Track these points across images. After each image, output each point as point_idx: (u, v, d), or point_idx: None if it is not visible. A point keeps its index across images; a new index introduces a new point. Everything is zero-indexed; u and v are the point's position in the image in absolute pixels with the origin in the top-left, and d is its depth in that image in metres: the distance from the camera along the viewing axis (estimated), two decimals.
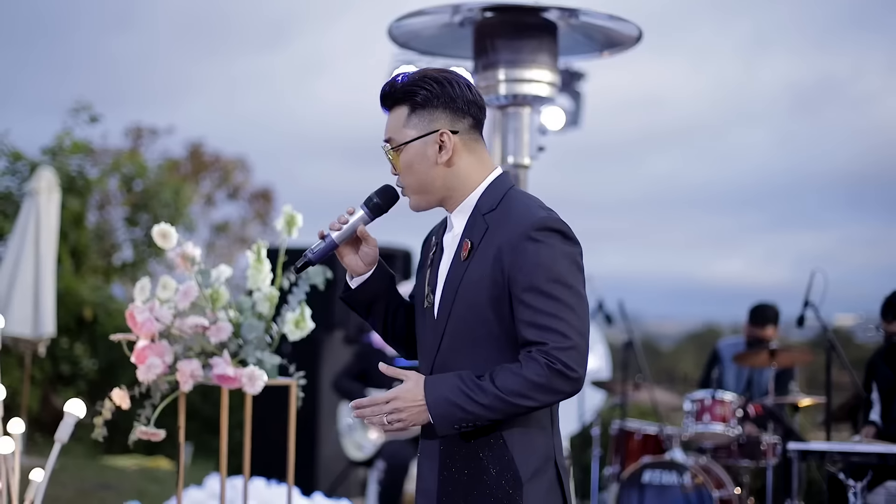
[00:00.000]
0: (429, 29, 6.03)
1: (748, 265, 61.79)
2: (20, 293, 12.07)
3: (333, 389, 10.09)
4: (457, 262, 3.36)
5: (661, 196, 67.20)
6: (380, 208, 3.49)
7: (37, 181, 12.49)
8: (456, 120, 3.37)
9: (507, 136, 5.99)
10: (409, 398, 3.18)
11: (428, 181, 3.38)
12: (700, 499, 8.14)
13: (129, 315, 5.05)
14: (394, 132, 3.40)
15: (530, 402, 3.16)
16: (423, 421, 3.20)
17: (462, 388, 3.16)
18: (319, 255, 3.45)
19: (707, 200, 74.52)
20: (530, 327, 3.19)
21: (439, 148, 3.35)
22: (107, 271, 18.23)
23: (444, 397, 3.17)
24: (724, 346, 9.60)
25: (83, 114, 17.07)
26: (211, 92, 49.69)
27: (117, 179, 18.65)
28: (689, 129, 71.67)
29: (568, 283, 3.21)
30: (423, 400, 3.17)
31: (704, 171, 76.52)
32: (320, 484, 10.76)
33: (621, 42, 6.08)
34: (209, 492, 8.06)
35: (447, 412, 3.16)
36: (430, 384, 3.20)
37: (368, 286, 3.55)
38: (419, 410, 3.18)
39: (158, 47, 45.85)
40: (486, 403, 3.14)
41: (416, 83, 3.38)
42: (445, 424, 3.18)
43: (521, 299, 3.20)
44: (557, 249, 3.23)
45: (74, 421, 4.84)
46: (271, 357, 5.20)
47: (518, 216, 3.28)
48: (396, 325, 3.64)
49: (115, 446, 14.79)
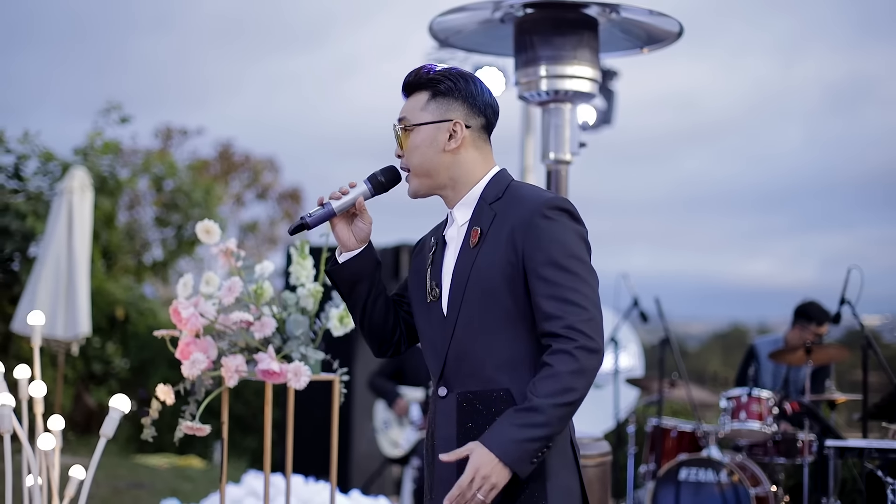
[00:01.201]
0: (469, 25, 6.03)
1: (775, 266, 61.72)
2: (54, 293, 12.12)
3: (369, 389, 10.12)
4: (466, 250, 3.43)
5: (691, 196, 67.27)
6: (382, 185, 3.58)
7: (69, 180, 12.53)
8: (471, 116, 3.50)
9: (548, 132, 5.98)
10: (484, 463, 3.17)
11: (432, 166, 3.47)
12: (736, 496, 8.12)
13: (173, 311, 5.06)
14: (409, 113, 3.51)
15: (576, 392, 3.19)
16: (508, 475, 3.18)
17: (516, 423, 3.18)
18: (316, 220, 3.51)
19: (736, 201, 74.43)
20: (550, 300, 3.25)
21: (449, 136, 3.46)
22: (138, 271, 18.31)
23: (509, 441, 3.17)
24: (760, 343, 9.56)
25: (114, 114, 17.13)
26: (246, 93, 49.80)
27: (148, 180, 18.73)
28: (720, 128, 71.68)
29: (582, 258, 3.32)
30: (495, 456, 3.16)
31: (735, 171, 76.47)
32: (355, 481, 10.79)
33: (662, 38, 6.06)
34: (247, 489, 8.07)
35: (520, 454, 3.17)
36: (488, 440, 3.20)
37: (355, 263, 3.60)
38: (498, 468, 3.16)
39: (194, 49, 46.04)
40: (544, 421, 3.17)
41: (442, 73, 3.52)
42: (525, 465, 3.19)
43: (540, 274, 3.27)
44: (569, 227, 3.34)
45: (119, 416, 4.88)
46: (315, 352, 5.21)
47: (528, 199, 3.39)
48: (375, 313, 3.66)
49: (148, 446, 14.88)
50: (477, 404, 3.36)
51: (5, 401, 4.66)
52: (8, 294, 15.05)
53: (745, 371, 9.16)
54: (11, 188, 15.56)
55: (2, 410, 4.65)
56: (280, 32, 49.56)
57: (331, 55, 54.86)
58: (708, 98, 65.81)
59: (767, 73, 66.01)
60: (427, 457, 3.58)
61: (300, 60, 51.45)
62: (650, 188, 62.33)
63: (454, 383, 3.41)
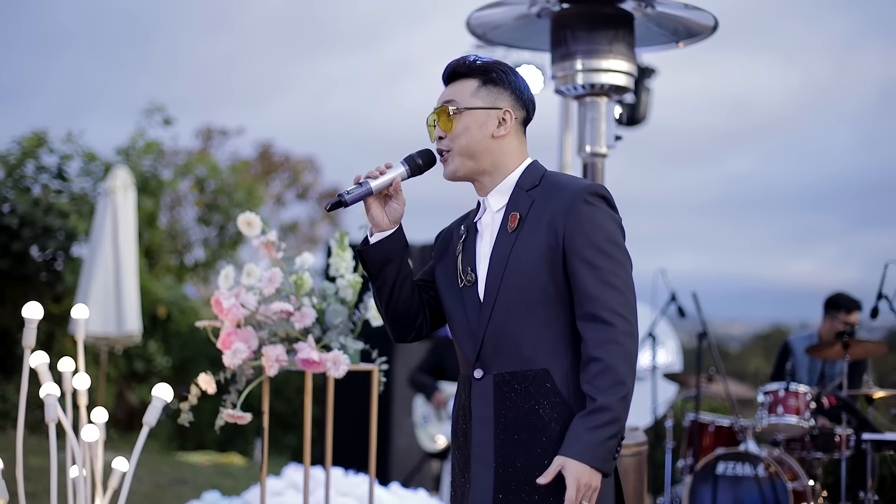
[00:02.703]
0: (507, 20, 6.09)
1: (820, 266, 61.46)
2: (103, 292, 12.25)
3: (409, 385, 10.18)
4: (504, 235, 3.51)
5: (739, 197, 67.13)
6: (419, 167, 3.62)
7: (112, 180, 12.66)
8: (517, 107, 3.61)
9: (584, 125, 6.03)
10: (581, 473, 3.23)
11: (479, 149, 3.54)
12: (774, 490, 8.13)
13: (214, 301, 5.14)
14: (458, 97, 3.58)
15: (631, 378, 3.30)
16: (600, 476, 3.26)
17: (591, 426, 3.25)
18: (354, 198, 3.53)
19: (785, 201, 74.15)
20: (592, 282, 3.34)
21: (499, 123, 3.55)
22: (179, 271, 18.45)
23: (591, 446, 3.24)
24: (795, 339, 9.54)
25: (157, 115, 17.29)
26: (296, 95, 50.02)
27: (189, 180, 18.87)
28: (772, 127, 71.47)
29: (620, 244, 3.43)
30: (586, 465, 3.23)
31: (785, 172, 76.19)
32: (395, 476, 10.86)
33: (697, 32, 6.09)
34: (287, 481, 8.14)
35: (604, 454, 3.25)
36: (573, 451, 3.25)
37: (386, 244, 3.63)
38: (592, 473, 3.24)
39: (248, 51, 46.29)
40: (614, 417, 3.24)
41: (491, 64, 3.61)
42: (610, 463, 3.28)
43: (583, 256, 3.36)
44: (607, 213, 3.44)
45: (162, 405, 4.93)
46: (354, 342, 5.27)
47: (568, 185, 3.49)
48: (401, 296, 3.70)
49: (190, 443, 15.00)
50: (515, 384, 3.42)
51: (51, 390, 4.72)
52: (51, 293, 15.21)
53: (782, 366, 9.16)
54: (55, 188, 15.73)
55: (48, 400, 4.70)
56: (332, 35, 49.90)
57: (382, 58, 55.11)
58: (761, 97, 65.68)
59: (823, 71, 65.88)
60: (458, 438, 3.63)
61: (351, 63, 51.73)
62: (699, 189, 62.39)
63: (491, 365, 3.46)
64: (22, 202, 14.95)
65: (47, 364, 4.93)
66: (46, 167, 15.81)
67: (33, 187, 15.65)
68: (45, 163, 15.83)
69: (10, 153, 15.58)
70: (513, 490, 3.38)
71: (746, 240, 65.16)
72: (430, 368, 9.85)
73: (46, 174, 15.81)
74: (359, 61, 52.59)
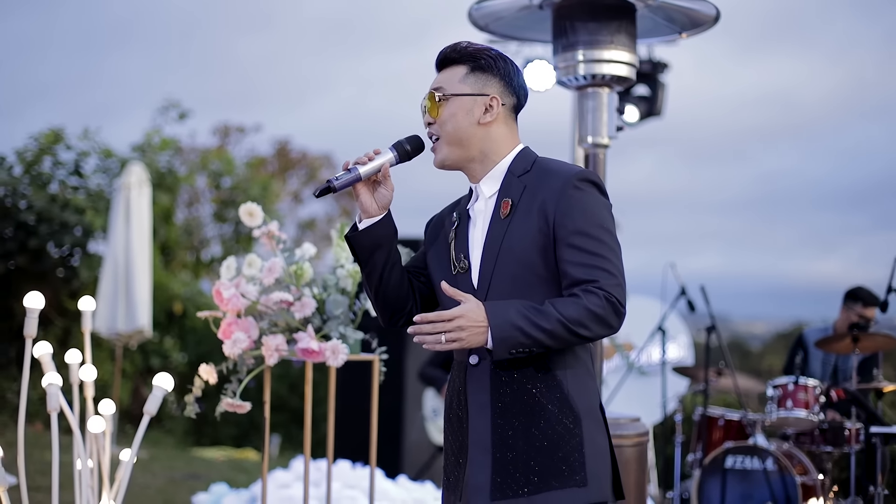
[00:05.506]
0: (509, 11, 6.07)
1: (846, 265, 61.20)
2: (114, 288, 12.30)
3: (419, 378, 10.19)
4: (496, 221, 3.51)
5: (772, 195, 66.93)
6: (407, 153, 3.63)
7: (127, 176, 12.70)
8: (505, 94, 3.60)
9: (585, 116, 6.02)
10: (472, 318, 3.25)
11: (466, 136, 3.54)
12: (783, 484, 8.11)
13: (215, 291, 5.17)
14: (446, 84, 3.58)
15: (587, 332, 3.28)
16: (480, 343, 3.27)
17: (525, 314, 3.26)
18: (343, 183, 3.52)
19: (818, 199, 73.84)
20: (580, 267, 3.34)
21: (485, 110, 3.55)
22: (195, 267, 18.49)
23: (507, 321, 3.25)
24: (809, 332, 9.48)
25: (172, 111, 17.33)
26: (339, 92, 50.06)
27: (206, 176, 18.91)
28: (813, 125, 71.24)
29: (609, 229, 3.42)
30: (486, 322, 3.25)
31: (822, 170, 75.95)
32: (406, 470, 10.86)
33: (700, 22, 6.07)
34: (295, 473, 8.18)
35: (509, 335, 3.25)
36: (491, 308, 3.28)
37: (375, 230, 3.62)
38: (480, 331, 3.25)
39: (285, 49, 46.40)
40: (548, 329, 3.25)
41: (481, 50, 3.61)
42: (503, 348, 3.27)
43: (570, 242, 3.36)
44: (597, 199, 3.44)
45: (163, 394, 4.96)
46: (354, 332, 5.28)
47: (558, 171, 3.49)
48: (391, 282, 3.69)
49: (205, 439, 15.03)
50: (511, 369, 3.43)
51: (53, 379, 4.73)
52: (67, 289, 15.27)
53: (793, 360, 9.13)
54: (72, 185, 15.79)
55: (49, 389, 4.72)
56: (376, 35, 50.02)
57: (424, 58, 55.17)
58: (804, 95, 65.45)
59: (866, 68, 65.66)
60: (453, 423, 3.62)
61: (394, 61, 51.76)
62: (732, 186, 62.19)
63: (486, 350, 3.46)
64: (39, 198, 15.00)
65: (50, 354, 4.95)
66: (63, 163, 15.86)
67: (50, 184, 15.70)
68: (62, 159, 15.88)
69: (28, 149, 15.64)
70: (511, 474, 3.37)
71: (775, 239, 65.17)
72: (441, 362, 9.86)
73: (63, 170, 15.87)
74: (405, 61, 52.74)
